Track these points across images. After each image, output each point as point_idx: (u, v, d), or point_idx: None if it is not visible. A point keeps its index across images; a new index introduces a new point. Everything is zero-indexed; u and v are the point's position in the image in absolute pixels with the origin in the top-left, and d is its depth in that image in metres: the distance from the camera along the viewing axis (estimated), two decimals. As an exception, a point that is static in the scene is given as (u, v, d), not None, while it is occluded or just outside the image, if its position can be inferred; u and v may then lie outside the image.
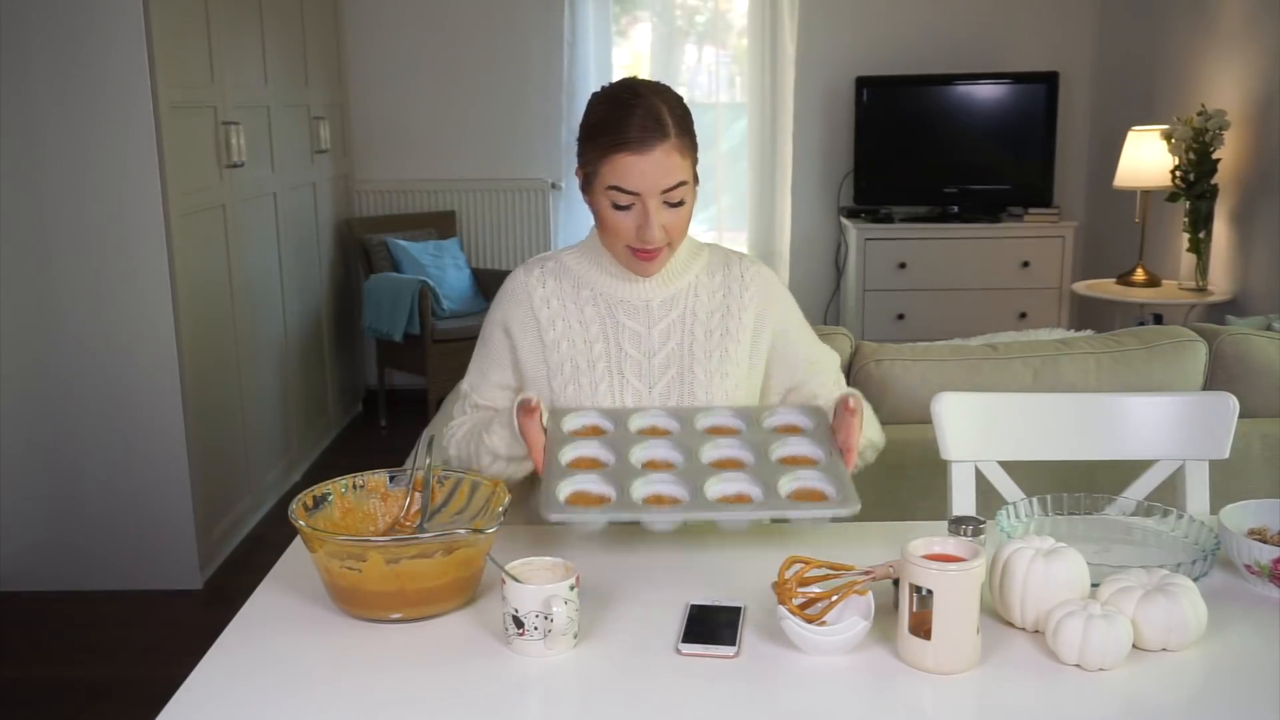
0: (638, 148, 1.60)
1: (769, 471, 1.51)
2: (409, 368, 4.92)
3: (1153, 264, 4.45)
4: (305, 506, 1.42)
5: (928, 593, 1.19)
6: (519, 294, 1.77)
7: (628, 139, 1.60)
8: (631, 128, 1.60)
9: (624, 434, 1.60)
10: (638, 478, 1.49)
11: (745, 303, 1.77)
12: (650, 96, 1.63)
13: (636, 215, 1.63)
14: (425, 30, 5.26)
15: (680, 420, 1.63)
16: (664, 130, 1.61)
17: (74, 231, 3.25)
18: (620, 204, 1.63)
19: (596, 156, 1.64)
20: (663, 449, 1.57)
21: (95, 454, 3.38)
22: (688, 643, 1.26)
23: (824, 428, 1.62)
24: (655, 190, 1.62)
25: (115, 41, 3.14)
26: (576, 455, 1.56)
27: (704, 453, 1.55)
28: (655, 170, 1.61)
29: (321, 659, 1.28)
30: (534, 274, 1.78)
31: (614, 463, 1.53)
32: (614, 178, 1.62)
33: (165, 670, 1.56)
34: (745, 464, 1.53)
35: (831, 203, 5.43)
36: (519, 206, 5.38)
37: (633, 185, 1.61)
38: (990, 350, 2.39)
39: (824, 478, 1.50)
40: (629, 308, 1.74)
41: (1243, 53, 3.97)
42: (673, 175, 1.62)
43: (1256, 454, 2.26)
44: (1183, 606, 1.24)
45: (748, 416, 1.65)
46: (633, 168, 1.60)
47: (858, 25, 5.26)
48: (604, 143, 1.62)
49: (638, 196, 1.62)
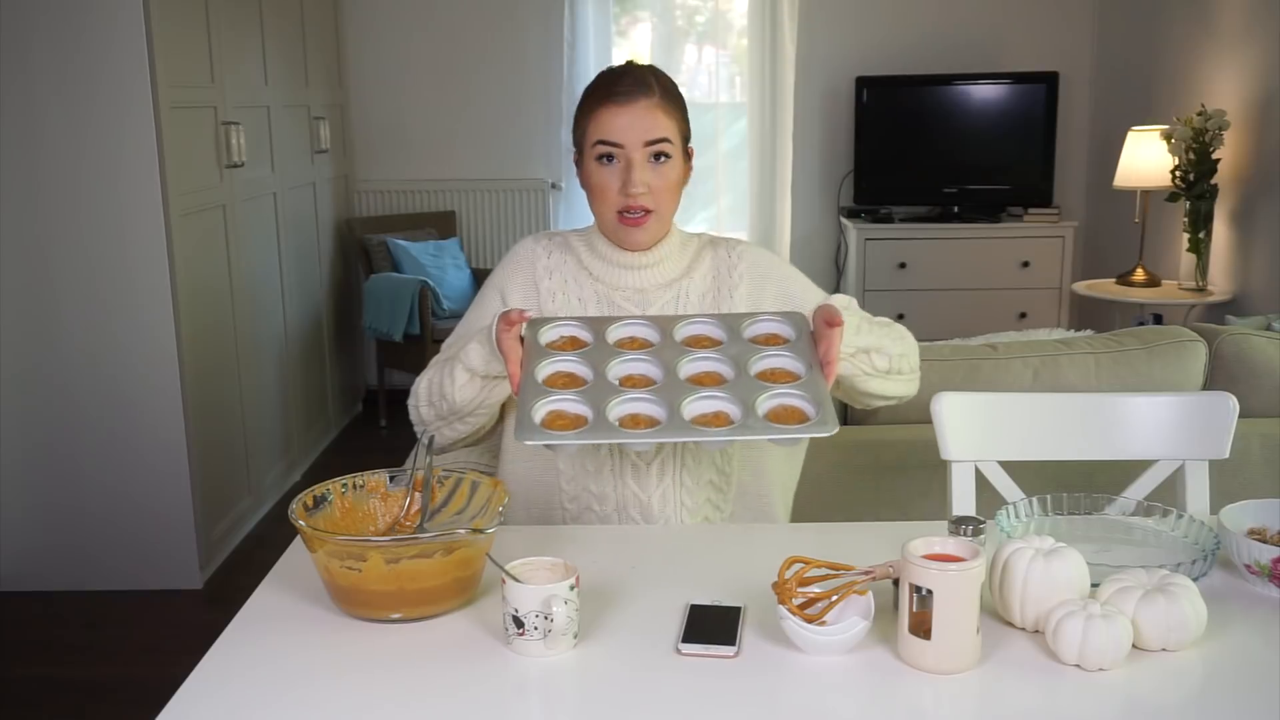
0: (622, 100, 1.65)
1: (748, 388, 1.47)
2: (409, 368, 4.92)
3: (1153, 264, 4.45)
4: (305, 506, 1.42)
5: (928, 593, 1.19)
6: (524, 260, 1.77)
7: (613, 93, 1.65)
8: (618, 85, 1.66)
9: (602, 347, 1.56)
10: (614, 396, 1.46)
11: (735, 281, 1.76)
12: (639, 67, 1.71)
13: (621, 172, 1.65)
14: (425, 30, 5.26)
15: (660, 330, 1.59)
16: (649, 89, 1.66)
17: (74, 232, 3.25)
18: (605, 156, 1.65)
19: (584, 118, 1.68)
20: (641, 364, 1.53)
21: (95, 454, 3.38)
22: (688, 643, 1.26)
23: (805, 336, 1.57)
24: (638, 141, 1.64)
25: (115, 41, 3.14)
26: (553, 370, 1.51)
27: (682, 368, 1.51)
28: (638, 122, 1.64)
29: (321, 659, 1.28)
30: (541, 244, 1.79)
31: (591, 379, 1.49)
32: (598, 132, 1.65)
33: (165, 670, 1.56)
34: (724, 378, 1.50)
35: (831, 203, 5.43)
36: (519, 206, 5.38)
37: (616, 136, 1.64)
38: (990, 350, 2.39)
39: (803, 396, 1.46)
40: (625, 292, 1.75)
41: (1243, 53, 3.97)
42: (656, 129, 1.65)
43: (1256, 454, 2.26)
44: (1183, 606, 1.23)
45: (729, 325, 1.60)
46: (616, 118, 1.64)
47: (858, 25, 5.26)
48: (591, 102, 1.67)
49: (621, 149, 1.64)
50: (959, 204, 5.10)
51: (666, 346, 1.57)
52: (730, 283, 1.76)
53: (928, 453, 1.83)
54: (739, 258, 1.78)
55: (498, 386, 1.62)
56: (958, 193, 5.10)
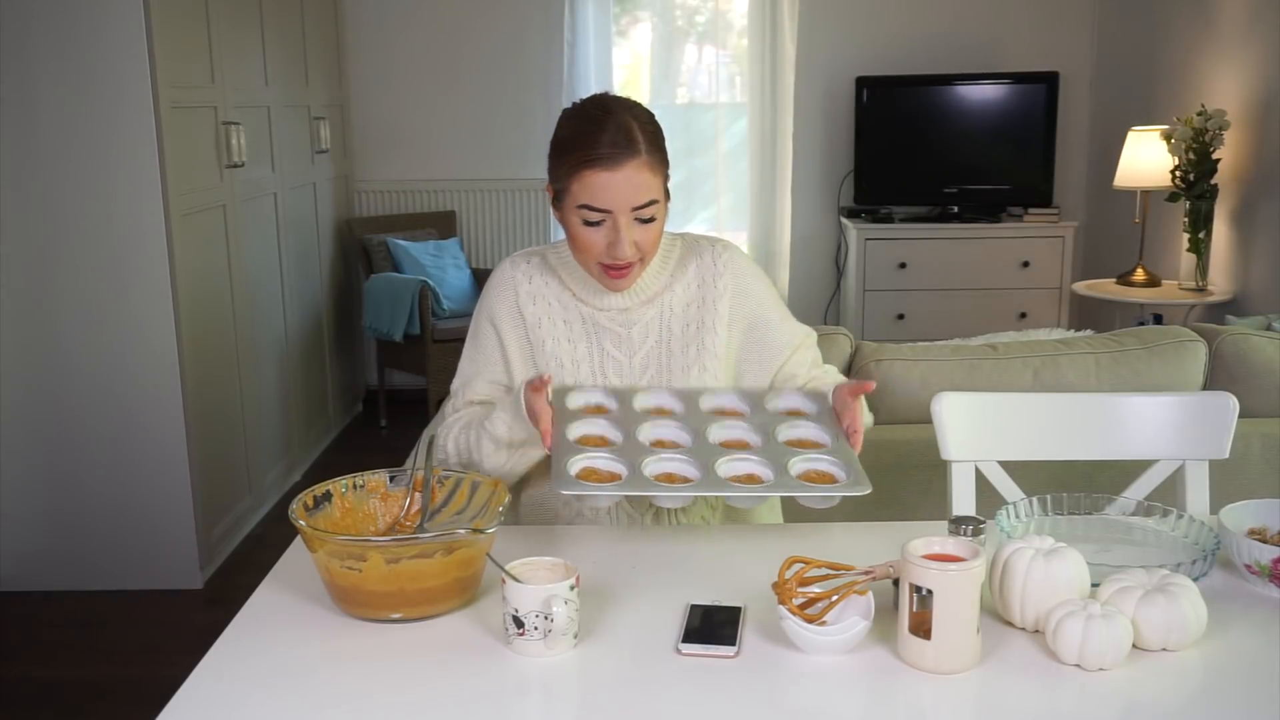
0: (608, 164, 1.57)
1: (778, 453, 1.50)
2: (409, 368, 4.92)
3: (1153, 264, 4.45)
4: (305, 506, 1.42)
5: (928, 593, 1.19)
6: (506, 288, 1.76)
7: (598, 155, 1.57)
8: (601, 144, 1.57)
9: (629, 413, 1.59)
10: (648, 456, 1.48)
11: (720, 291, 1.75)
12: (620, 113, 1.61)
13: (607, 232, 1.61)
14: (425, 30, 5.26)
15: (685, 401, 1.63)
16: (634, 147, 1.58)
17: (74, 232, 3.25)
18: (591, 220, 1.61)
19: (566, 173, 1.61)
20: (670, 429, 1.56)
21: (96, 454, 3.38)
22: (688, 643, 1.26)
23: (827, 412, 1.62)
24: (626, 208, 1.59)
25: (116, 42, 3.14)
26: (584, 432, 1.54)
27: (711, 433, 1.55)
28: (626, 187, 1.58)
29: (321, 659, 1.28)
30: (520, 268, 1.76)
31: (622, 441, 1.52)
32: (584, 196, 1.59)
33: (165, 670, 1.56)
34: (753, 445, 1.53)
35: (831, 203, 5.43)
36: (519, 206, 5.38)
37: (603, 203, 1.59)
38: (990, 350, 2.39)
39: (833, 460, 1.50)
40: (610, 313, 1.73)
41: (1243, 53, 3.97)
42: (643, 193, 1.60)
43: (1256, 454, 2.26)
44: (1183, 606, 1.24)
45: (751, 399, 1.65)
46: (603, 186, 1.58)
47: (858, 25, 5.26)
48: (573, 159, 1.59)
49: (609, 214, 1.60)
50: (959, 204, 5.10)
51: (692, 414, 1.60)
52: (715, 293, 1.75)
53: (928, 453, 1.83)
54: (724, 266, 1.76)
55: (527, 453, 1.64)
56: (958, 193, 5.10)
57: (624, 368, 1.73)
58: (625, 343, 1.73)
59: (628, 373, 1.72)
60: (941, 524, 1.35)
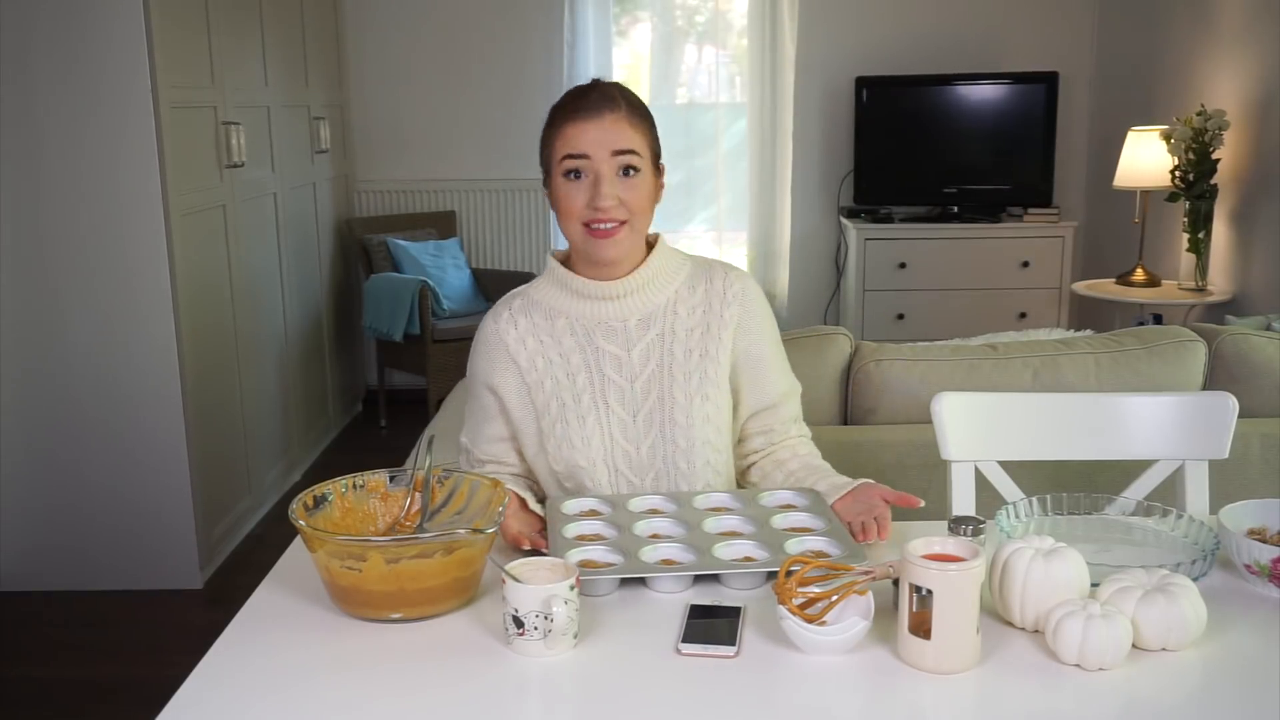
0: (587, 115, 1.62)
1: (774, 537, 1.50)
2: (409, 368, 4.92)
3: (1152, 264, 4.45)
4: (305, 506, 1.42)
5: (928, 593, 1.19)
6: (493, 344, 1.72)
7: (579, 108, 1.63)
8: (583, 101, 1.64)
9: (624, 514, 1.59)
10: (645, 545, 1.48)
11: (726, 320, 1.71)
12: (605, 83, 1.69)
13: (588, 186, 1.62)
14: (425, 30, 5.27)
15: (678, 503, 1.62)
16: (614, 103, 1.64)
17: (74, 231, 3.25)
18: (571, 171, 1.63)
19: (551, 136, 1.65)
20: (665, 524, 1.55)
21: (95, 454, 3.38)
22: (688, 643, 1.26)
23: (820, 504, 1.61)
24: (605, 151, 1.61)
25: (115, 42, 3.14)
26: (580, 531, 1.54)
27: (707, 524, 1.55)
28: (605, 134, 1.61)
29: (321, 659, 1.28)
30: (502, 318, 1.73)
31: (617, 536, 1.52)
32: (565, 147, 1.63)
33: (165, 670, 1.56)
34: (749, 534, 1.52)
35: (831, 203, 5.43)
36: (519, 206, 5.38)
37: (583, 147, 1.61)
38: (990, 350, 2.39)
39: (829, 541, 1.48)
40: (606, 330, 1.70)
41: (1242, 53, 3.97)
42: (623, 140, 1.62)
43: (1256, 454, 2.26)
44: (1182, 606, 1.24)
45: (744, 498, 1.64)
46: (583, 132, 1.62)
47: (858, 25, 5.26)
48: (558, 118, 1.65)
49: (588, 160, 1.62)
50: (959, 204, 5.10)
51: (686, 510, 1.60)
52: (720, 322, 1.71)
53: (928, 453, 1.83)
54: (734, 297, 1.72)
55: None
56: (958, 193, 5.10)
57: (626, 394, 1.69)
58: (626, 367, 1.69)
59: (629, 400, 1.69)
60: (941, 524, 1.35)
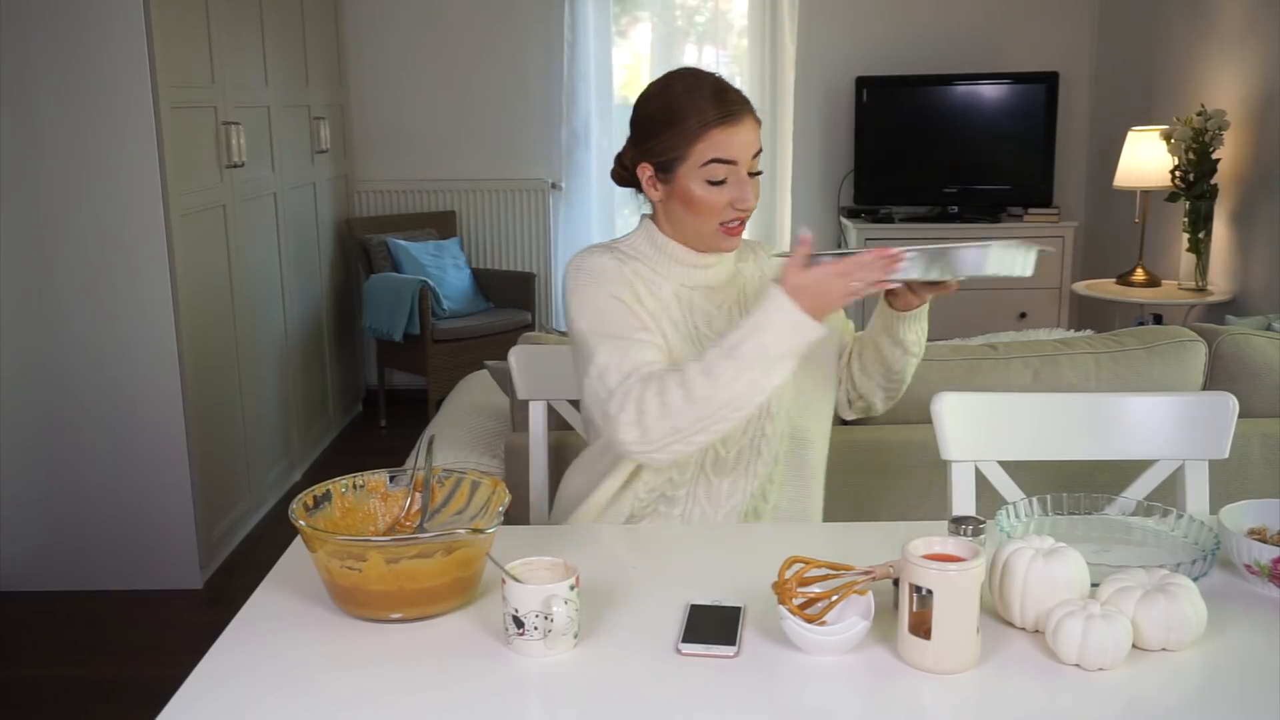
0: (735, 119, 1.66)
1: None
2: (409, 368, 4.92)
3: (1152, 264, 4.45)
4: (305, 506, 1.42)
5: (928, 593, 1.19)
6: (608, 269, 1.70)
7: (728, 112, 1.65)
8: (728, 103, 1.66)
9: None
10: None
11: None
12: (716, 77, 1.70)
13: (732, 187, 1.67)
14: (425, 30, 5.27)
15: None
16: (749, 104, 1.69)
17: (74, 231, 3.26)
18: (716, 179, 1.66)
19: (687, 140, 1.65)
20: None
21: (95, 454, 3.38)
22: (688, 643, 1.26)
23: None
24: (748, 154, 1.68)
25: (115, 42, 3.14)
26: None
27: None
28: (749, 137, 1.67)
29: (321, 659, 1.28)
30: (610, 254, 1.73)
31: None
32: (714, 151, 1.65)
33: (165, 670, 1.56)
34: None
35: (831, 203, 5.43)
36: (519, 206, 5.38)
37: (733, 154, 1.66)
38: (990, 350, 2.39)
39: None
40: (700, 290, 1.76)
41: (1243, 53, 3.97)
42: (757, 142, 1.70)
43: (1256, 454, 2.26)
44: (1183, 606, 1.24)
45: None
46: (732, 137, 1.65)
47: (858, 25, 5.26)
48: (698, 122, 1.65)
49: (734, 166, 1.66)
50: (959, 204, 5.10)
51: None
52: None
53: (928, 453, 1.83)
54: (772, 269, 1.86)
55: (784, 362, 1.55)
56: (958, 193, 5.10)
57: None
58: (715, 322, 1.75)
59: None
60: (941, 524, 1.35)
